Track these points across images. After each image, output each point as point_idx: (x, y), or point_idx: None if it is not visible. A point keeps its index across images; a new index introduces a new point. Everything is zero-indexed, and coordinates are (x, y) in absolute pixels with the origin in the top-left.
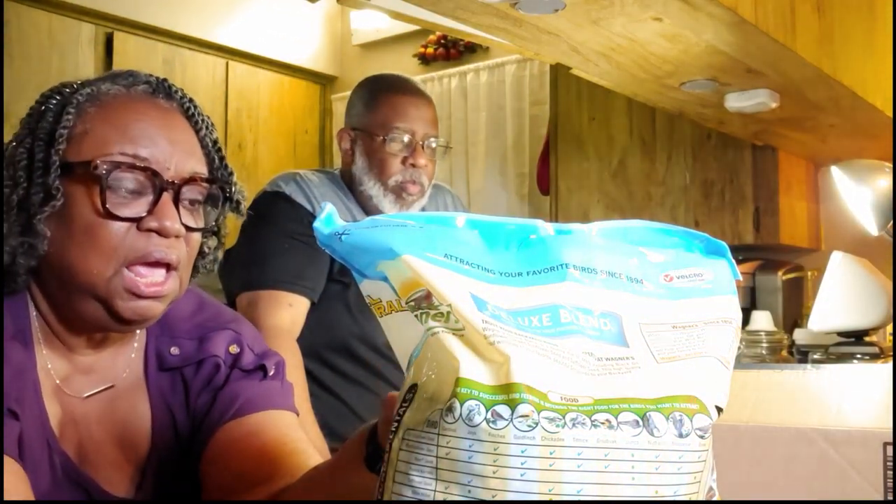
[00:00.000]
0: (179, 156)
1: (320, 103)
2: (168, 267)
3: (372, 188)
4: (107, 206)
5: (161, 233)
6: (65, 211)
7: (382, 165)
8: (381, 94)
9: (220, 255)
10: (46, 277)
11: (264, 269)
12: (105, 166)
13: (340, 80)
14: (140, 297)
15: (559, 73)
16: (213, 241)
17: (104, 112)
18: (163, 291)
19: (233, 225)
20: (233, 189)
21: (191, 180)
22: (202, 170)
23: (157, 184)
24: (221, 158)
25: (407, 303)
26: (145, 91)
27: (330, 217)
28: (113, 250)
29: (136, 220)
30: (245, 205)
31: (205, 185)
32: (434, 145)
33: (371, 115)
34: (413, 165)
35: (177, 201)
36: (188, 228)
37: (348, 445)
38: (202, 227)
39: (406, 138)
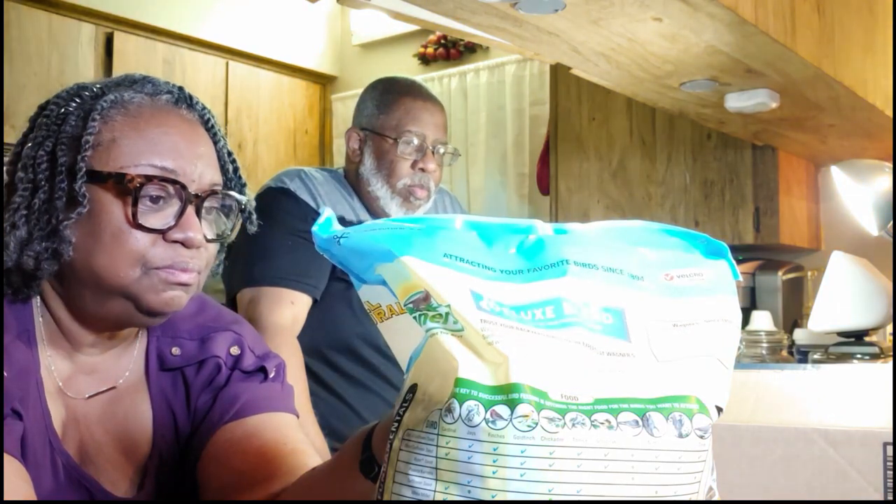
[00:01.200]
0: (203, 168)
1: (320, 103)
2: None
3: (379, 190)
4: (137, 218)
5: (186, 244)
6: (91, 217)
7: (392, 168)
8: (395, 96)
9: (223, 258)
10: (64, 278)
11: (267, 265)
12: (139, 180)
13: (340, 80)
14: (175, 284)
15: (559, 73)
16: (215, 246)
17: (131, 121)
18: (194, 280)
19: None
20: (247, 200)
21: (212, 192)
22: (220, 181)
23: (185, 196)
24: (236, 170)
25: (405, 305)
26: (168, 101)
27: (328, 221)
28: (141, 256)
29: (163, 231)
30: (255, 216)
31: (226, 198)
32: (443, 151)
33: (383, 116)
34: (423, 170)
35: (199, 213)
36: (207, 239)
37: (345, 449)
38: (220, 238)
39: (417, 142)
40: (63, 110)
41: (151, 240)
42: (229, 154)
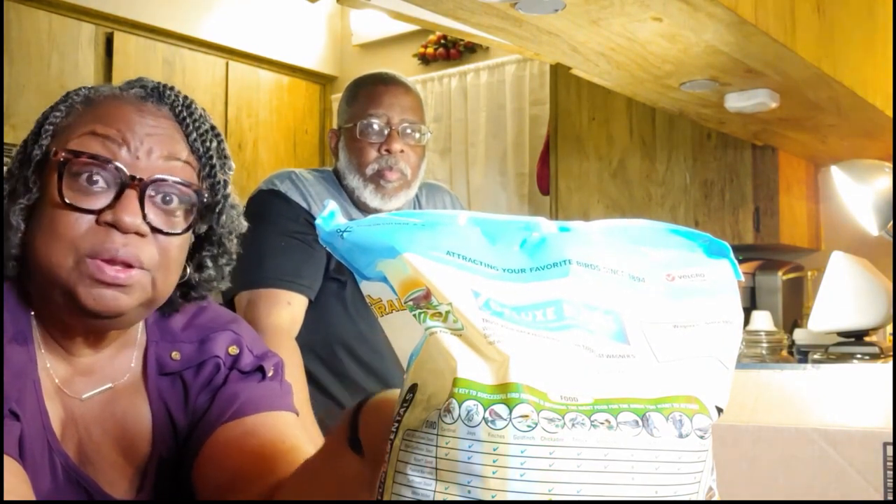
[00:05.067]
0: (155, 148)
1: (320, 103)
2: (130, 267)
3: (353, 180)
4: (62, 193)
5: (118, 227)
6: (39, 203)
7: (359, 155)
8: (359, 88)
9: (227, 271)
10: (27, 274)
11: (262, 267)
12: (64, 153)
13: (340, 80)
14: (103, 283)
15: (559, 73)
16: (218, 256)
17: (90, 108)
18: (129, 280)
19: None
20: (217, 199)
21: (161, 180)
22: (183, 169)
23: (120, 178)
24: (212, 167)
25: (406, 302)
26: (137, 95)
27: (332, 215)
28: (71, 241)
29: (95, 213)
30: (232, 221)
31: (181, 186)
32: (410, 131)
33: (350, 109)
34: (388, 151)
35: (142, 198)
36: (154, 229)
37: (334, 431)
38: (175, 231)
39: (377, 125)
40: (50, 108)
41: (84, 222)
42: (206, 151)
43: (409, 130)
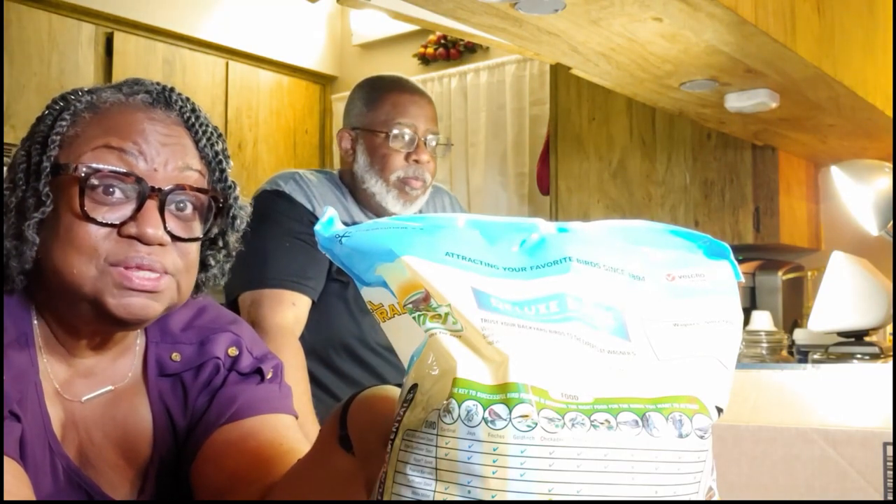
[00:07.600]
0: (171, 159)
1: (320, 103)
2: (155, 271)
3: (374, 185)
4: (84, 208)
5: (142, 240)
6: (54, 216)
7: (385, 162)
8: (383, 92)
9: (226, 267)
10: (43, 282)
11: (266, 268)
12: (84, 168)
13: (340, 80)
14: (132, 290)
15: (559, 73)
16: (220, 255)
17: (98, 117)
18: (159, 286)
19: None
20: (230, 202)
21: (179, 188)
22: (197, 178)
23: (141, 189)
24: (222, 171)
25: (405, 305)
26: (144, 101)
27: (331, 220)
28: (93, 250)
29: (117, 226)
30: (242, 222)
31: (197, 194)
32: (434, 143)
33: (372, 113)
34: (416, 161)
35: (163, 208)
36: (175, 238)
37: (324, 428)
38: (193, 238)
39: (408, 135)
40: (46, 112)
41: (105, 234)
42: (215, 154)
43: (433, 141)
